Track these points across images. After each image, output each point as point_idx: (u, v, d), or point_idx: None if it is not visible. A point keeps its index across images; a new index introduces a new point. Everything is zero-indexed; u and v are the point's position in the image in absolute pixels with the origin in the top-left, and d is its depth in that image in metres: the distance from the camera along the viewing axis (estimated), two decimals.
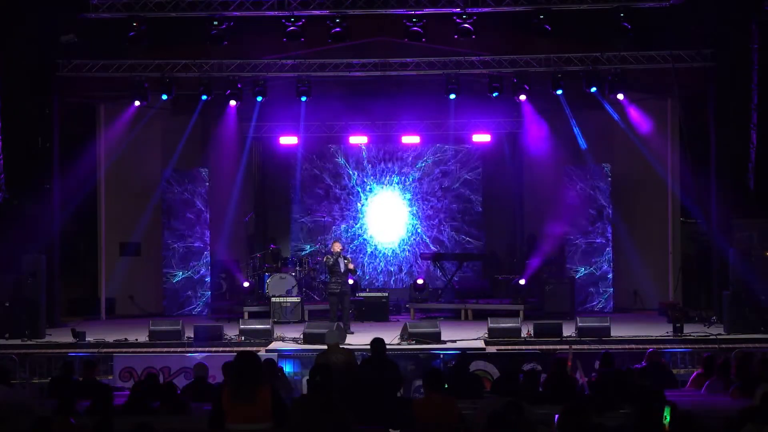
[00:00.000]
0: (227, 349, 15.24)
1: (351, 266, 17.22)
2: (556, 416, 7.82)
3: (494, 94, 19.54)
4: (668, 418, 9.08)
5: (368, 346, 11.21)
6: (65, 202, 19.14)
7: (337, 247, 17.20)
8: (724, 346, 15.17)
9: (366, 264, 23.05)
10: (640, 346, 15.20)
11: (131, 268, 20.65)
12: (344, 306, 17.20)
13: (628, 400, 9.26)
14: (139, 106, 19.81)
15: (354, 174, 23.16)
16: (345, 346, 13.65)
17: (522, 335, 15.97)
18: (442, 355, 14.95)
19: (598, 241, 20.75)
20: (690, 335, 16.02)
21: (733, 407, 9.17)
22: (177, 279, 20.68)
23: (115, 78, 19.23)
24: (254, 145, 22.71)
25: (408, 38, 16.98)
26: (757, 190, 17.17)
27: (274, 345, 15.81)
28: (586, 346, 15.27)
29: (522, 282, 19.72)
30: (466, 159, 23.07)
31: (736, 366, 11.44)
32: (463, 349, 14.64)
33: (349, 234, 23.06)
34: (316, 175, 23.11)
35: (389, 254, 23.28)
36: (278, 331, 16.76)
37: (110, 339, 16.20)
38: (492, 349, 15.37)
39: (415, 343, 15.61)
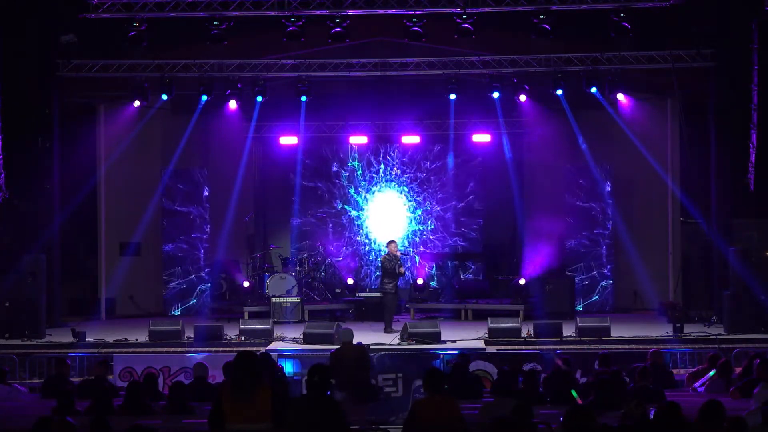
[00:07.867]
0: (227, 349, 15.26)
1: (401, 270, 17.74)
2: (561, 417, 7.81)
3: (494, 94, 19.55)
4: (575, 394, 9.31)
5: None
6: (65, 202, 19.13)
7: (394, 248, 17.64)
8: (724, 346, 15.17)
9: (366, 264, 23.01)
10: (640, 346, 15.22)
11: (131, 268, 20.62)
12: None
13: (628, 400, 9.25)
14: (139, 106, 19.83)
15: (354, 174, 23.13)
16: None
17: (522, 335, 15.98)
18: (442, 355, 14.93)
19: (598, 241, 20.74)
20: (690, 335, 16.04)
21: (733, 407, 9.16)
22: (177, 279, 20.69)
23: (115, 78, 19.25)
24: (254, 145, 22.63)
25: (408, 38, 16.99)
26: (757, 190, 17.17)
27: (274, 345, 15.83)
28: (586, 346, 15.28)
29: (522, 282, 19.68)
30: (466, 159, 23.03)
31: (743, 368, 11.42)
32: (463, 349, 14.63)
33: (349, 234, 23.01)
34: (316, 175, 23.08)
35: None
36: (278, 331, 16.77)
37: (110, 339, 16.21)
38: (492, 349, 15.38)
39: (415, 343, 15.62)
